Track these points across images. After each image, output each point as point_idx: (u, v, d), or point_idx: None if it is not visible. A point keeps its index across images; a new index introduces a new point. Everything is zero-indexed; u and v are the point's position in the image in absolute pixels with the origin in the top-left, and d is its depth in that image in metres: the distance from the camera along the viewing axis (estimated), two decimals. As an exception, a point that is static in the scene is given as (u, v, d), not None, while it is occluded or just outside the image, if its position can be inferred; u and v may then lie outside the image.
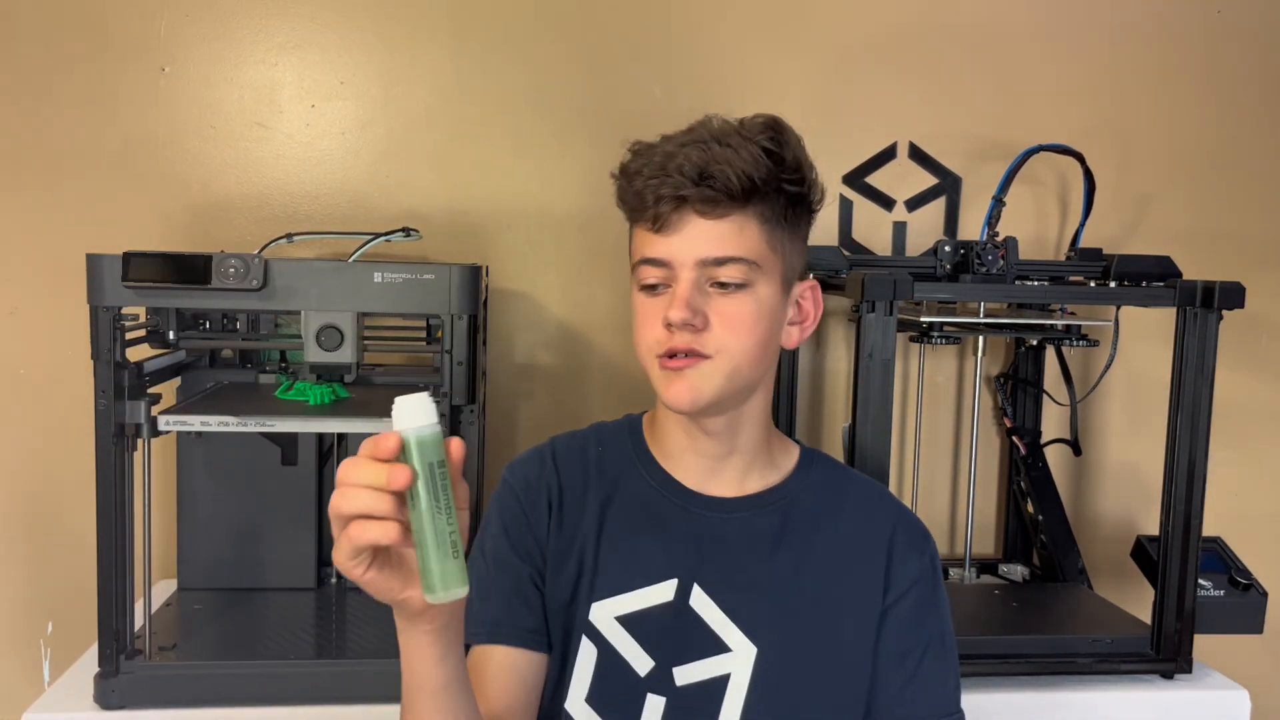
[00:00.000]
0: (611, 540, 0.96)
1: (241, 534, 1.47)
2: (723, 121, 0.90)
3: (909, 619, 0.95)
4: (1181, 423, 1.33)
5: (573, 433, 1.04)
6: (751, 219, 0.89)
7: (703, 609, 0.94)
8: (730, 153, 0.86)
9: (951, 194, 1.71)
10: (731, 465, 0.97)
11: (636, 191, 0.89)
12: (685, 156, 0.87)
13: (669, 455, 0.99)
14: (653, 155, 0.89)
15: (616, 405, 1.66)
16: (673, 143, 0.89)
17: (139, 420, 1.17)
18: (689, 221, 0.88)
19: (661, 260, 0.89)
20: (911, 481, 1.68)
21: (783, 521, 0.97)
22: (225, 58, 1.58)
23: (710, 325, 0.88)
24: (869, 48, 1.68)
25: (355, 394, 1.39)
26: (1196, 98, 1.75)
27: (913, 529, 0.99)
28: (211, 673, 1.22)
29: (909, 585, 0.96)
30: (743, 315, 0.89)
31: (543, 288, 1.66)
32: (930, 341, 1.51)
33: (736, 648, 0.92)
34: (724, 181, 0.86)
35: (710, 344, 0.88)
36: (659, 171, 0.87)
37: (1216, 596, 1.39)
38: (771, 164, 0.88)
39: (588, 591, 0.95)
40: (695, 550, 0.95)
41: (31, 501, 1.60)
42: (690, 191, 0.86)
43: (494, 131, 1.63)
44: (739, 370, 0.90)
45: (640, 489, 0.98)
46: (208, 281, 1.13)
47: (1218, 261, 1.76)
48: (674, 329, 0.87)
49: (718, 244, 0.88)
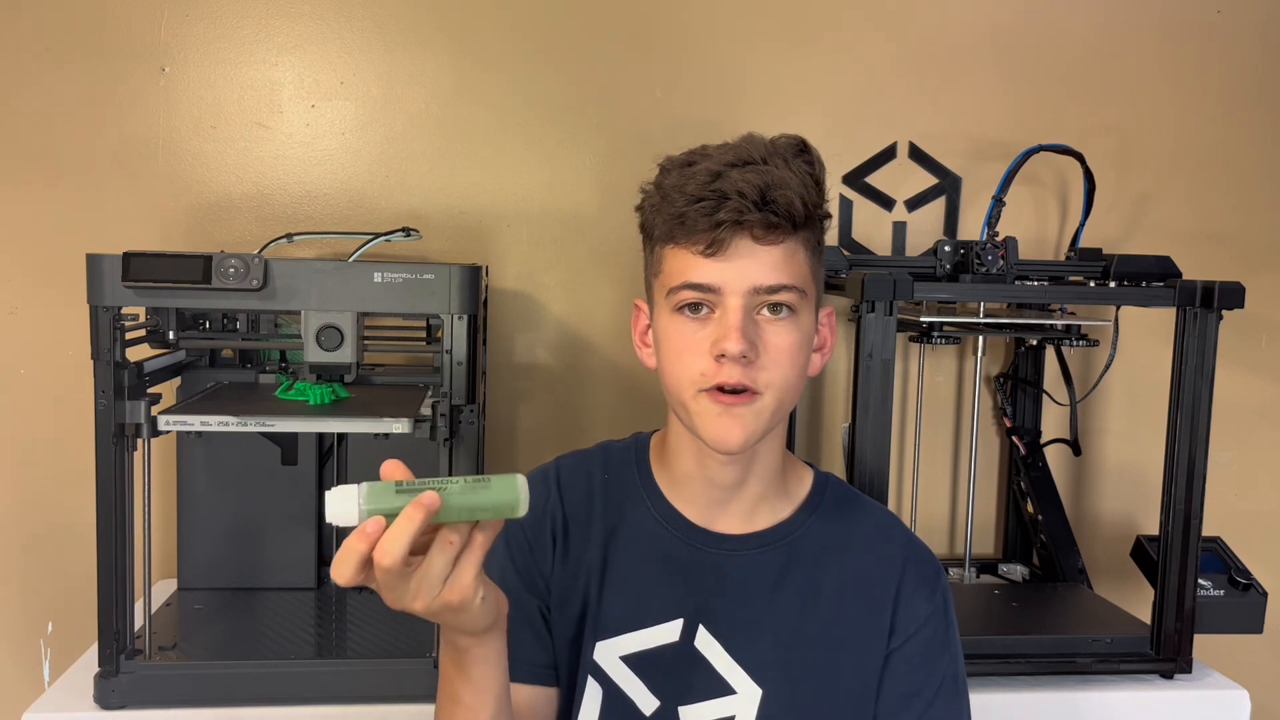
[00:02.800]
0: (616, 577, 0.94)
1: (241, 534, 1.47)
2: (764, 141, 0.86)
3: (919, 659, 0.93)
4: (1181, 423, 1.33)
5: (578, 454, 1.01)
6: (801, 246, 0.86)
7: (708, 650, 0.92)
8: (788, 175, 0.83)
9: (951, 194, 1.71)
10: (742, 497, 0.94)
11: (679, 213, 0.84)
12: (742, 179, 0.82)
13: (676, 484, 0.96)
14: (695, 173, 0.84)
15: (616, 406, 1.66)
16: (714, 160, 0.85)
17: (139, 420, 1.17)
18: (744, 246, 0.84)
19: (711, 286, 0.84)
20: (911, 481, 1.68)
21: (789, 559, 0.94)
22: (225, 58, 1.58)
23: (761, 357, 0.85)
24: (869, 48, 1.68)
25: (355, 394, 1.39)
26: (1196, 98, 1.75)
27: (922, 567, 0.96)
28: (211, 673, 1.22)
29: (919, 626, 0.93)
30: (791, 346, 0.86)
31: (543, 288, 1.66)
32: (930, 341, 1.50)
33: (741, 690, 0.91)
34: (786, 206, 0.82)
35: (761, 378, 0.85)
36: (710, 192, 0.83)
37: (1216, 596, 1.39)
38: (816, 188, 0.86)
39: (593, 629, 0.93)
40: (701, 589, 0.93)
41: (31, 501, 1.60)
42: (753, 216, 0.82)
43: (494, 131, 1.63)
44: (784, 404, 0.87)
45: (645, 523, 0.96)
46: (208, 281, 1.13)
47: (1218, 261, 1.76)
48: (727, 361, 0.83)
49: (772, 271, 0.84)
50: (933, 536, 1.76)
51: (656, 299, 0.90)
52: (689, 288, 0.85)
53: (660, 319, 0.89)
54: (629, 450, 1.01)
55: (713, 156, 0.86)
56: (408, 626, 1.35)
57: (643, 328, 0.96)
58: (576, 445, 1.04)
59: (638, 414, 1.67)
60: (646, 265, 0.93)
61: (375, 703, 1.22)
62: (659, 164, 0.90)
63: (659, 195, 0.88)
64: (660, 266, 0.89)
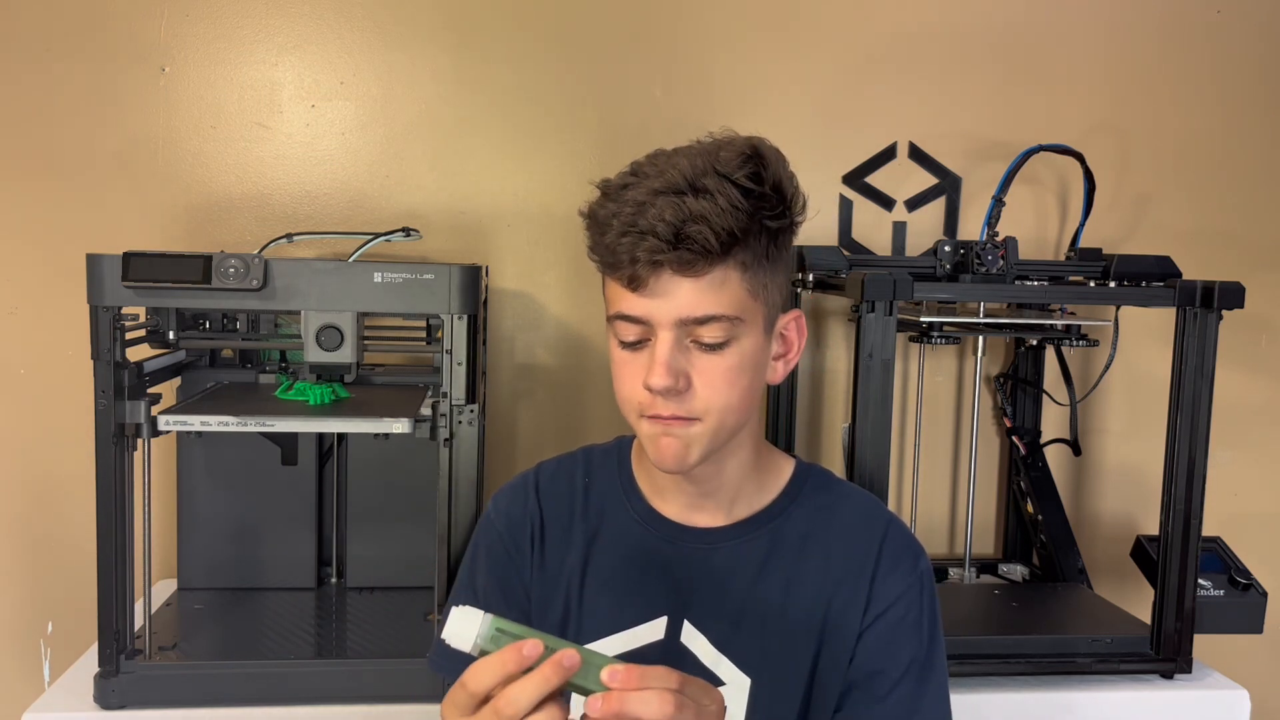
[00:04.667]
0: (598, 579, 0.94)
1: (241, 534, 1.47)
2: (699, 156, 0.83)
3: (888, 637, 0.91)
4: (1181, 423, 1.33)
5: (560, 459, 1.02)
6: (733, 270, 0.83)
7: (694, 644, 0.92)
8: (707, 203, 0.80)
9: (951, 194, 1.71)
10: (720, 493, 0.94)
11: (608, 246, 0.83)
12: (659, 212, 0.80)
13: (656, 484, 0.96)
14: (623, 204, 0.83)
15: (615, 406, 1.66)
16: (644, 188, 0.82)
17: (139, 420, 1.17)
18: (666, 280, 0.82)
19: (640, 318, 0.84)
20: (911, 481, 1.68)
21: (770, 546, 0.94)
22: (225, 58, 1.58)
23: (693, 386, 0.84)
24: (869, 47, 1.68)
25: (355, 394, 1.39)
26: (1196, 98, 1.75)
27: (901, 543, 0.94)
28: (211, 673, 1.22)
29: (890, 603, 0.91)
30: (726, 372, 0.85)
31: (543, 288, 1.66)
32: (930, 341, 1.50)
33: (730, 681, 0.91)
34: (702, 242, 0.80)
35: (696, 406, 0.84)
36: (630, 227, 0.81)
37: (1216, 596, 1.39)
38: (751, 205, 0.82)
39: (576, 633, 0.93)
40: (683, 585, 0.93)
41: (31, 501, 1.60)
42: (666, 256, 0.81)
43: (494, 131, 1.63)
44: (724, 426, 0.86)
45: (627, 524, 0.96)
46: (208, 281, 1.13)
47: (1218, 261, 1.76)
48: (656, 394, 0.83)
49: (697, 303, 0.82)
50: (933, 536, 1.76)
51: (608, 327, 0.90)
52: (622, 319, 0.85)
53: (610, 342, 0.89)
54: (610, 453, 1.01)
55: (648, 178, 0.83)
56: (407, 627, 1.35)
57: None
58: (577, 445, 1.04)
59: (638, 414, 1.66)
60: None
61: (375, 703, 1.22)
62: (597, 185, 0.87)
63: (594, 227, 0.86)
64: (605, 293, 0.89)
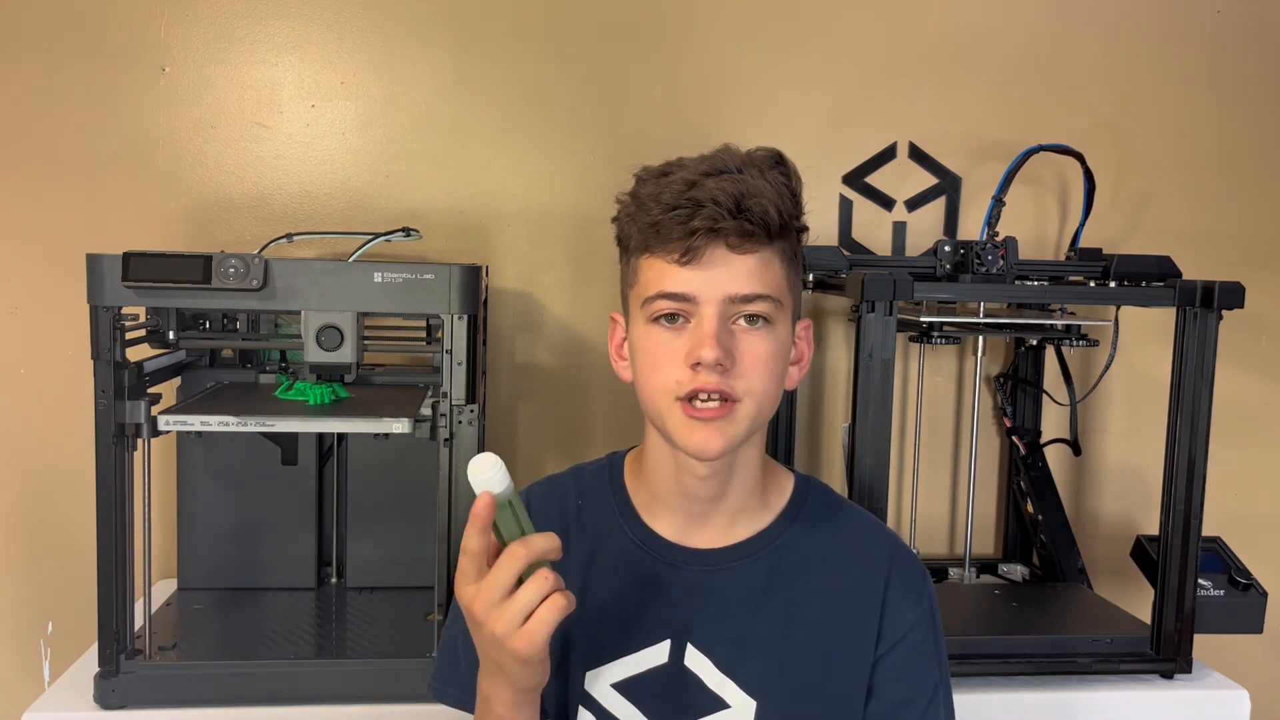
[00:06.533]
0: (598, 604, 0.93)
1: (241, 534, 1.47)
2: (729, 155, 0.86)
3: (909, 665, 0.92)
4: (1181, 423, 1.33)
5: (550, 480, 1.01)
6: (776, 255, 0.86)
7: (698, 667, 0.91)
8: (762, 185, 0.83)
9: (951, 194, 1.72)
10: (720, 511, 0.93)
11: (654, 221, 0.84)
12: (717, 187, 0.82)
13: (653, 501, 0.95)
14: (670, 183, 0.84)
15: (616, 406, 1.66)
16: (689, 170, 0.84)
17: (139, 420, 1.17)
18: (719, 255, 0.83)
19: (686, 295, 0.84)
20: (911, 481, 1.68)
21: (772, 570, 0.93)
22: (225, 58, 1.58)
23: (737, 364, 0.84)
24: (869, 48, 1.68)
25: (355, 394, 1.39)
26: (1196, 98, 1.75)
27: (909, 572, 0.95)
28: (211, 673, 1.22)
29: (905, 631, 0.92)
30: (768, 354, 0.85)
31: (543, 288, 1.66)
32: (930, 341, 1.51)
33: (736, 704, 0.90)
34: (761, 215, 0.82)
35: (739, 386, 0.84)
36: (685, 201, 0.82)
37: (1216, 596, 1.39)
38: (792, 200, 0.86)
39: (579, 659, 0.92)
40: (685, 607, 0.92)
41: (31, 501, 1.60)
42: (727, 224, 0.82)
43: (494, 131, 1.63)
44: (763, 412, 0.86)
45: (624, 545, 0.94)
46: (208, 281, 1.13)
47: (1218, 261, 1.76)
48: (703, 368, 0.83)
49: (746, 280, 0.84)
50: (933, 536, 1.76)
51: (632, 310, 0.90)
52: (664, 297, 0.85)
53: (636, 330, 0.89)
54: (603, 472, 0.99)
55: (688, 166, 0.85)
56: (407, 626, 1.35)
57: (619, 341, 0.95)
58: (577, 445, 1.04)
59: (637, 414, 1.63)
60: (623, 277, 0.92)
61: (375, 703, 1.22)
62: (635, 174, 0.89)
63: (635, 204, 0.87)
64: (636, 277, 0.89)
